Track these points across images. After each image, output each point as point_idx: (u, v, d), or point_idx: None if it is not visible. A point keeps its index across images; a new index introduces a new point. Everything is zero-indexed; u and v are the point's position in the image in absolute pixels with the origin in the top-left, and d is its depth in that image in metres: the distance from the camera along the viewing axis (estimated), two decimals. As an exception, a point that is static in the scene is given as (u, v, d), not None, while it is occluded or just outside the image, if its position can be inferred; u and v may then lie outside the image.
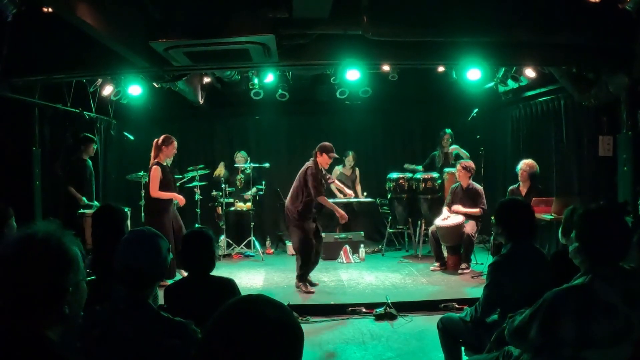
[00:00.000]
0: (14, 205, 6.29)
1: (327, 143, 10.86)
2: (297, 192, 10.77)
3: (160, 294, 5.35)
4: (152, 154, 11.07)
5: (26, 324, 2.44)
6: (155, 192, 10.85)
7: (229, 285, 5.35)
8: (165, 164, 11.06)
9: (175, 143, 11.13)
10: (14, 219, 6.17)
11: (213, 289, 5.19)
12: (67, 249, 2.57)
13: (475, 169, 12.31)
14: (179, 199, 11.23)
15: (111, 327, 3.44)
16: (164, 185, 10.89)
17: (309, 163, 10.79)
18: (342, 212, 10.95)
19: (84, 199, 11.45)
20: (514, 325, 4.04)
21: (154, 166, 10.90)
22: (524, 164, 11.25)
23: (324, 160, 10.66)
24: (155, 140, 11.05)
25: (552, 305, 3.71)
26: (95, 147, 12.18)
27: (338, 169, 14.69)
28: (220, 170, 14.87)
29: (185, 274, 9.56)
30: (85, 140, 11.87)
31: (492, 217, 5.99)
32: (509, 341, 4.24)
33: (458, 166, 12.32)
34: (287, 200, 10.97)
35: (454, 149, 13.99)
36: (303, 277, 10.74)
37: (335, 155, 10.91)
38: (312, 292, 10.58)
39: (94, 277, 4.48)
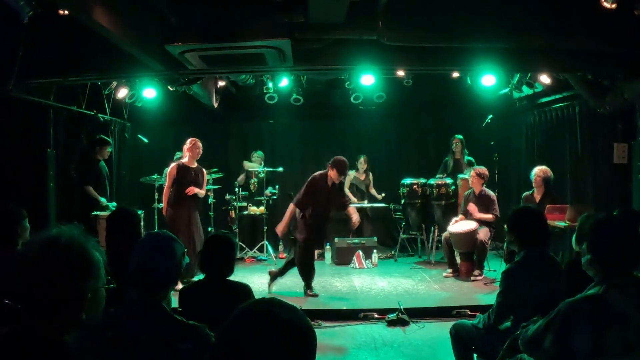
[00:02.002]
0: (28, 207, 6.31)
1: (342, 161, 10.51)
2: None
3: (175, 296, 5.36)
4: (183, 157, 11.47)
5: (45, 328, 2.45)
6: (165, 191, 11.24)
7: (244, 290, 5.32)
8: (194, 165, 11.38)
9: (199, 144, 11.43)
10: (27, 220, 6.21)
11: (229, 294, 5.17)
12: (90, 256, 2.58)
13: (488, 176, 12.28)
14: (163, 209, 11.28)
15: (125, 330, 3.43)
16: (179, 185, 11.12)
17: (320, 172, 10.71)
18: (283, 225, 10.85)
19: (102, 199, 11.49)
20: (527, 335, 4.02)
21: (173, 164, 11.29)
22: (538, 170, 11.20)
23: (334, 175, 10.53)
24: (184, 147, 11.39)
25: (566, 316, 3.70)
26: (109, 150, 12.21)
27: (352, 174, 14.63)
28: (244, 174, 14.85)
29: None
30: (101, 142, 11.91)
31: (505, 225, 5.97)
32: (522, 350, 4.23)
33: (472, 172, 12.28)
34: None
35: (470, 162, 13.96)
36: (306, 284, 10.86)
37: (345, 175, 10.80)
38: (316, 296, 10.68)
39: (113, 285, 4.48)
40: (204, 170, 11.74)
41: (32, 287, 2.46)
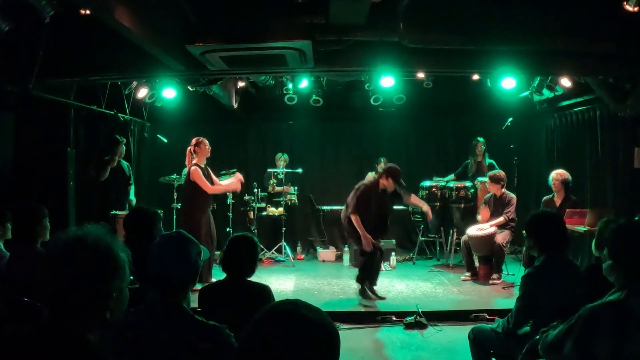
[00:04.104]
0: (47, 205, 6.36)
1: (397, 169, 10.59)
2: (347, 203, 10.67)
3: (194, 296, 5.38)
4: (187, 160, 11.19)
5: (70, 327, 2.46)
6: (211, 188, 11.07)
7: (264, 292, 5.35)
8: (204, 165, 11.22)
9: (207, 141, 11.25)
10: (48, 219, 6.24)
11: (248, 295, 5.19)
12: (116, 256, 2.60)
13: (504, 179, 12.24)
14: (236, 186, 11.59)
15: (145, 330, 3.46)
16: (201, 187, 11.01)
17: (370, 181, 10.78)
18: (368, 239, 10.32)
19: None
20: (547, 340, 4.00)
21: (193, 167, 10.95)
22: (555, 174, 11.18)
23: (389, 184, 10.49)
24: (188, 148, 11.14)
25: (587, 321, 3.67)
26: (124, 149, 12.13)
27: (370, 175, 14.58)
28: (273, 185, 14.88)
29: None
30: (113, 141, 11.83)
31: (524, 231, 5.95)
32: (542, 355, 4.21)
33: (486, 179, 12.29)
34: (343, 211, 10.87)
35: (491, 165, 13.92)
36: (363, 291, 10.58)
37: (400, 182, 10.71)
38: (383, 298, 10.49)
39: (137, 285, 4.50)
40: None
41: (58, 286, 2.47)
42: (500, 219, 11.91)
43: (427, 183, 13.91)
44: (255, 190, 14.19)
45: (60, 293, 2.47)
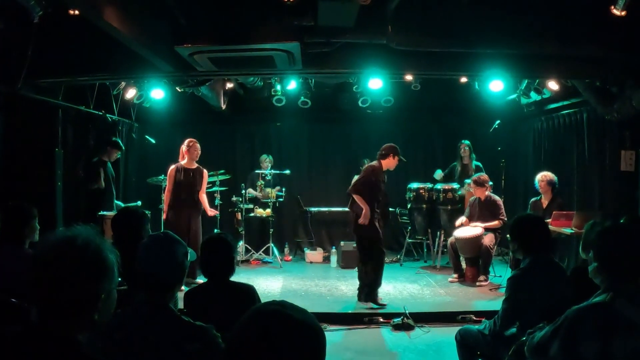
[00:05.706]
0: (35, 206, 6.33)
1: (395, 145, 10.58)
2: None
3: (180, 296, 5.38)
4: (180, 158, 11.67)
5: (58, 328, 2.46)
6: (166, 191, 11.61)
7: (249, 292, 5.31)
8: (193, 167, 11.59)
9: (198, 145, 11.65)
10: (37, 220, 6.23)
11: (233, 295, 5.16)
12: (105, 257, 2.60)
13: (489, 181, 12.28)
14: (164, 213, 11.67)
15: (133, 331, 3.45)
16: (176, 187, 11.40)
17: (374, 163, 10.61)
18: (368, 214, 10.10)
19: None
20: (534, 342, 4.02)
21: (172, 166, 11.55)
22: (541, 176, 11.25)
23: (393, 163, 10.52)
24: (181, 147, 11.59)
25: (573, 323, 3.69)
26: (118, 155, 12.13)
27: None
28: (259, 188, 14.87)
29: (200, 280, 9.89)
30: (112, 144, 11.83)
31: (508, 235, 5.98)
32: (528, 357, 4.22)
33: (470, 182, 12.34)
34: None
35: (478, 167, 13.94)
36: (372, 293, 10.33)
37: (401, 158, 10.72)
38: (384, 305, 10.22)
39: (125, 286, 4.50)
40: (204, 171, 11.80)
41: (47, 287, 2.47)
42: (495, 222, 11.96)
43: (414, 185, 13.95)
44: (243, 191, 14.18)
45: (48, 294, 2.46)
